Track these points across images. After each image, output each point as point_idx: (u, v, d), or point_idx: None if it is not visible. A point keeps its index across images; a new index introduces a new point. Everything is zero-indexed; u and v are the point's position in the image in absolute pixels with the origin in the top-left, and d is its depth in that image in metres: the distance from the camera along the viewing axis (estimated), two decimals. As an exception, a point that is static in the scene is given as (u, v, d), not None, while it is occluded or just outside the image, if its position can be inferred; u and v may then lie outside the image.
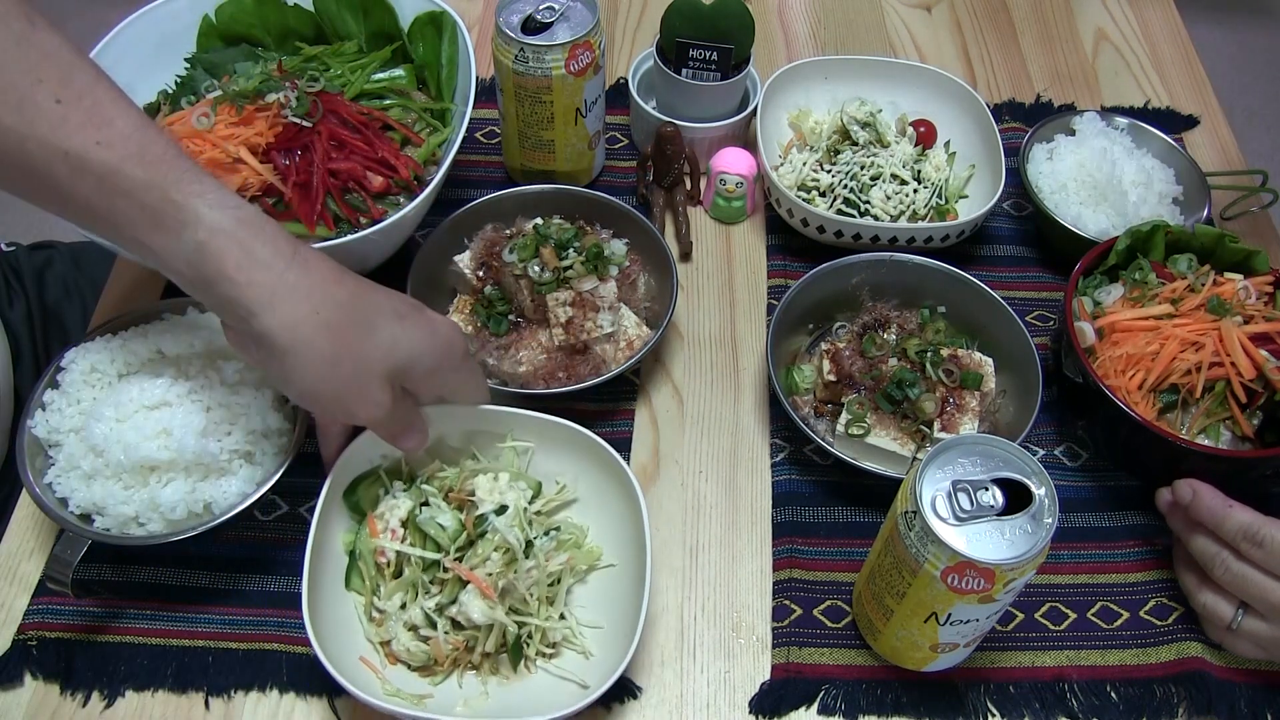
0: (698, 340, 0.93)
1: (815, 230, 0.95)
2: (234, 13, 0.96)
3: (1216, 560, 0.71)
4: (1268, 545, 0.68)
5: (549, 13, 0.91)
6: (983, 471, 0.62)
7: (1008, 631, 0.76)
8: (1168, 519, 0.75)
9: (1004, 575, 0.60)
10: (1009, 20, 1.25)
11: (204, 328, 0.79)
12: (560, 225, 0.88)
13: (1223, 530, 0.70)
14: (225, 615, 0.75)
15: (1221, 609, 0.72)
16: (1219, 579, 0.71)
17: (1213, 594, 0.72)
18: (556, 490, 0.79)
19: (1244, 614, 0.71)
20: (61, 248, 1.12)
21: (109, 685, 0.72)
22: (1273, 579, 0.68)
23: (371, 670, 0.69)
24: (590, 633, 0.73)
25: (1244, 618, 0.71)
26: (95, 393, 0.76)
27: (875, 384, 0.82)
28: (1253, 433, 0.78)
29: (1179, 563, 0.76)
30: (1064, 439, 0.87)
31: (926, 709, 0.72)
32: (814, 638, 0.75)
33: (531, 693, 0.70)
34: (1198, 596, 0.73)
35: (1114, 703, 0.73)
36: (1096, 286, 0.86)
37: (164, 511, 0.71)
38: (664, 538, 0.81)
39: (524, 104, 0.93)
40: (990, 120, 1.00)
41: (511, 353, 0.84)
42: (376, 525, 0.74)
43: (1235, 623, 0.71)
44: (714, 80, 1.01)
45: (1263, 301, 0.83)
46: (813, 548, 0.80)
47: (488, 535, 0.72)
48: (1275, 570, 0.68)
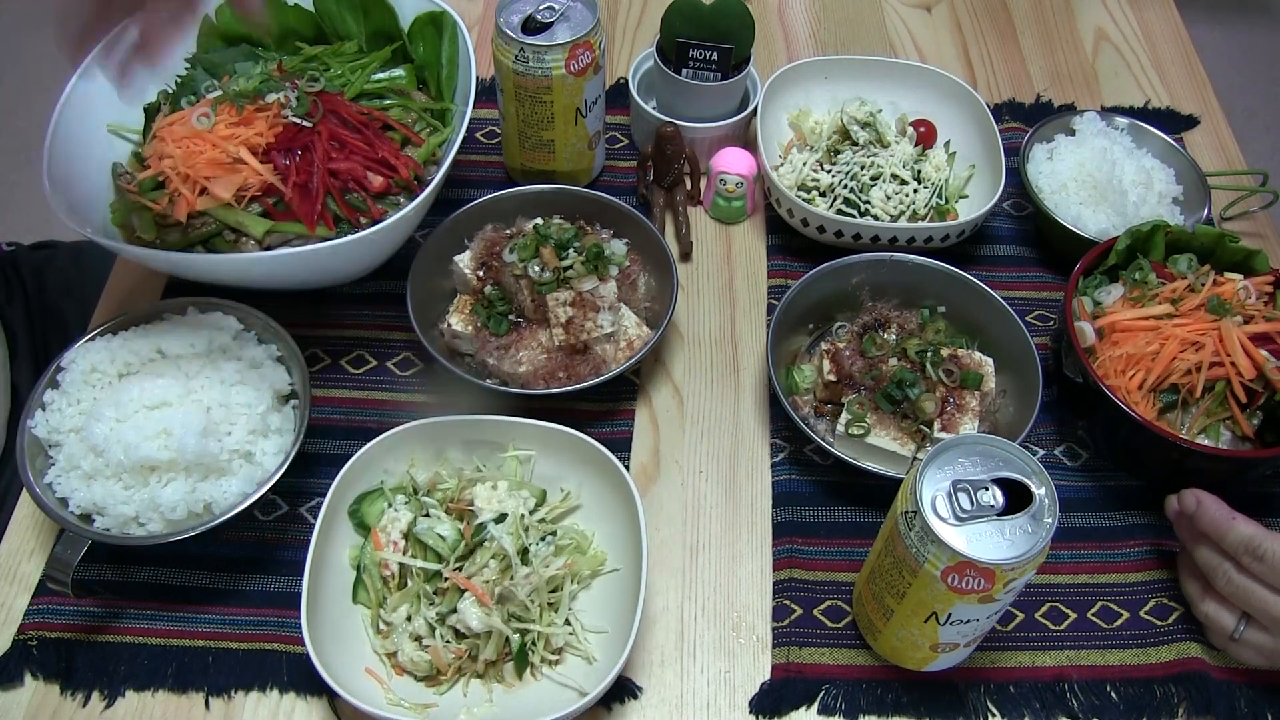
0: (698, 340, 0.93)
1: (815, 230, 0.95)
2: (234, 13, 0.96)
3: (1219, 571, 0.71)
4: (1269, 559, 0.68)
5: (549, 13, 0.91)
6: (983, 471, 0.62)
7: (1008, 631, 0.76)
8: (1175, 527, 0.75)
9: (1004, 575, 0.60)
10: (1009, 20, 1.25)
11: (204, 328, 0.79)
12: (560, 225, 0.88)
13: (1225, 542, 0.70)
14: (225, 615, 0.75)
15: (1224, 619, 0.72)
16: (1221, 590, 0.71)
17: (1215, 604, 0.72)
18: (561, 498, 0.79)
19: (1246, 625, 0.71)
20: (62, 247, 1.12)
21: (109, 685, 0.72)
22: (1274, 592, 0.68)
23: (376, 681, 0.70)
24: (594, 638, 0.73)
25: (1246, 629, 0.71)
26: (95, 393, 0.76)
27: (875, 384, 0.82)
28: (1253, 433, 0.78)
29: (1183, 571, 0.76)
30: (1064, 439, 0.87)
31: (926, 709, 0.72)
32: (814, 638, 0.75)
33: (535, 699, 0.70)
34: (1200, 606, 0.73)
35: (1114, 703, 0.73)
36: (1096, 286, 0.86)
37: (164, 511, 0.71)
38: (664, 538, 0.81)
39: (524, 104, 0.93)
40: (990, 120, 1.00)
41: (512, 353, 0.84)
42: (380, 539, 0.74)
43: (1237, 633, 0.71)
44: (714, 80, 1.01)
45: (1263, 301, 0.83)
46: (813, 548, 0.80)
47: (486, 544, 0.72)
48: (1276, 584, 0.68)
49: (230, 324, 0.81)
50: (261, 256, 0.80)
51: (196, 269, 0.81)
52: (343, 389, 0.88)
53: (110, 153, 0.88)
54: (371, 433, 0.77)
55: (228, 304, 0.82)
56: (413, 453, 0.78)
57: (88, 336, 0.79)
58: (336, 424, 0.86)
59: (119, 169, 0.88)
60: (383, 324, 0.92)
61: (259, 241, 0.82)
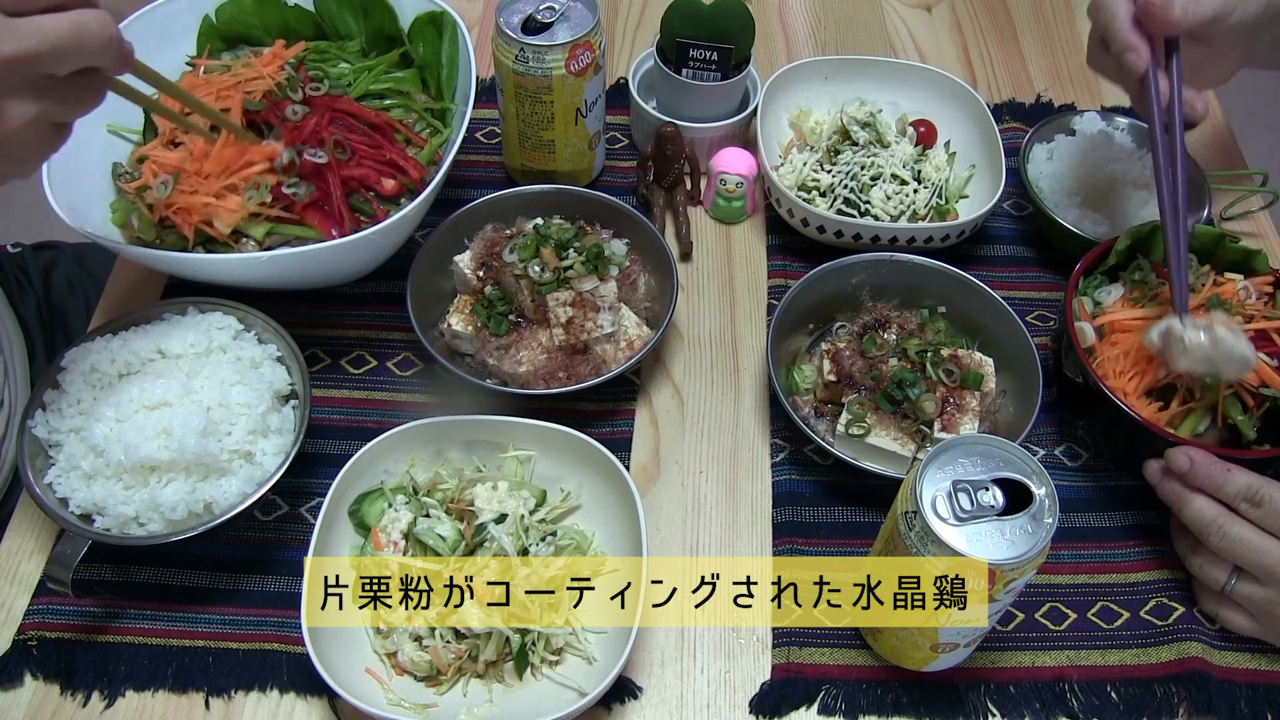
0: (698, 340, 0.93)
1: (815, 230, 0.95)
2: (234, 13, 0.96)
3: (1212, 528, 0.71)
4: (1267, 504, 0.69)
5: (549, 13, 0.91)
6: (983, 471, 0.62)
7: (1008, 631, 0.76)
8: (1158, 490, 0.76)
9: (1004, 575, 0.60)
10: (1009, 20, 1.25)
11: (204, 328, 0.79)
12: (560, 225, 0.88)
13: (1223, 493, 0.71)
14: (225, 615, 0.75)
15: (1215, 574, 0.73)
16: (1215, 547, 0.72)
17: (1207, 559, 0.74)
18: (561, 498, 0.79)
19: (1237, 579, 0.72)
20: (65, 248, 1.13)
21: (109, 685, 0.72)
22: (1270, 538, 0.70)
23: (376, 681, 0.70)
24: (594, 638, 0.73)
25: (1237, 582, 0.72)
26: (95, 393, 0.76)
27: (875, 384, 0.82)
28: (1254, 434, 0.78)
29: (1175, 529, 0.78)
30: (1064, 439, 0.87)
31: (926, 709, 0.72)
32: (814, 638, 0.75)
33: (535, 699, 0.70)
34: (1194, 558, 0.75)
35: (1114, 703, 0.73)
36: (1096, 286, 0.86)
37: (164, 511, 0.71)
38: (664, 538, 0.81)
39: (524, 104, 0.93)
40: (990, 120, 1.00)
41: (512, 353, 0.84)
42: (380, 539, 0.74)
43: (1228, 587, 0.72)
44: (714, 80, 1.01)
45: (1263, 301, 0.83)
46: (813, 548, 0.80)
47: (486, 544, 0.72)
48: (1272, 529, 0.70)
49: (230, 324, 0.81)
50: (261, 256, 0.80)
51: (196, 269, 0.81)
52: (343, 389, 0.88)
53: (110, 153, 0.88)
54: (371, 433, 0.77)
55: (228, 304, 0.82)
56: (413, 453, 0.78)
57: (87, 336, 0.79)
58: (336, 424, 0.86)
59: (119, 169, 0.88)
60: (383, 324, 0.92)
61: (259, 242, 0.82)
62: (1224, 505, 0.71)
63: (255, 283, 0.85)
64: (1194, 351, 0.74)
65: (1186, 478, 0.73)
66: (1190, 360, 0.75)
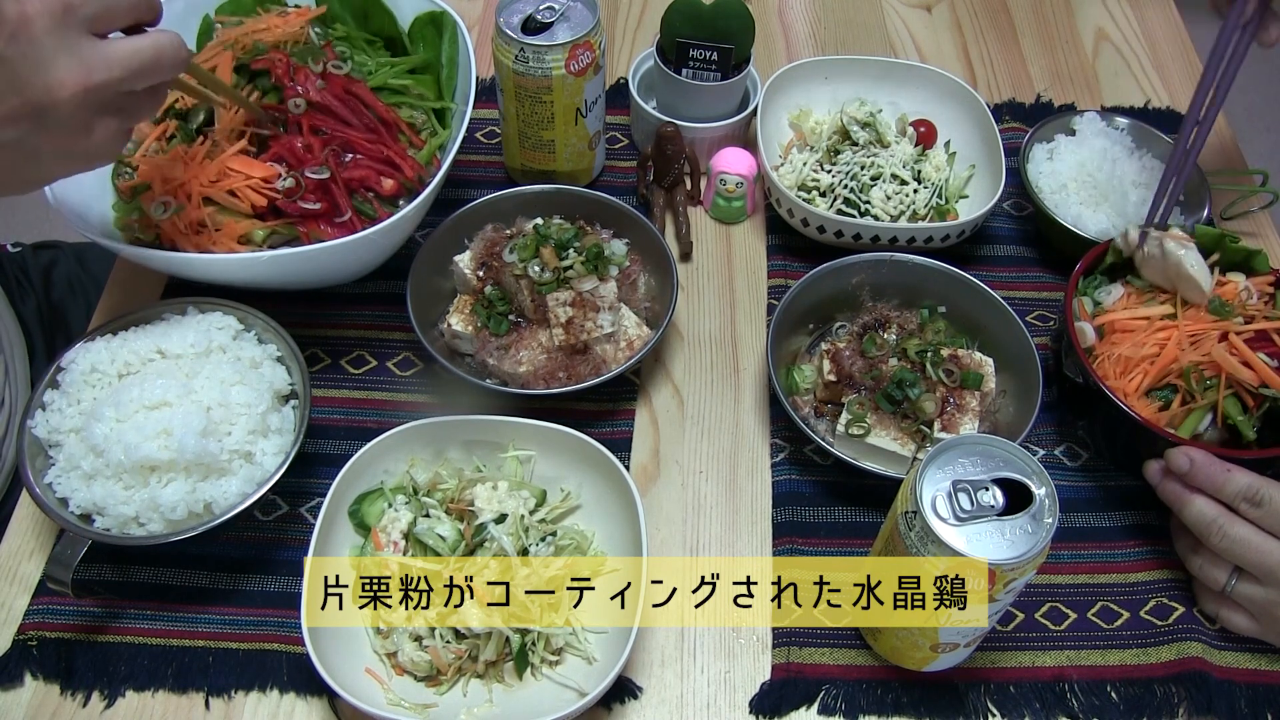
0: (698, 340, 0.93)
1: (815, 230, 0.95)
2: (234, 13, 0.96)
3: (1213, 528, 0.71)
4: (1267, 504, 0.69)
5: (549, 13, 0.91)
6: (983, 471, 0.62)
7: (1008, 631, 0.76)
8: (1158, 490, 0.76)
9: (1004, 575, 0.60)
10: (1009, 20, 1.25)
11: (204, 328, 0.79)
12: (560, 225, 0.88)
13: (1224, 492, 0.71)
14: (225, 615, 0.75)
15: (1216, 574, 0.73)
16: (1215, 548, 0.72)
17: (1207, 559, 0.74)
18: (561, 498, 0.79)
19: (1237, 579, 0.72)
20: (66, 248, 1.13)
21: (109, 685, 0.72)
22: (1270, 538, 0.70)
23: (376, 681, 0.70)
24: (594, 638, 0.73)
25: (1237, 582, 0.72)
26: (95, 393, 0.76)
27: (875, 384, 0.82)
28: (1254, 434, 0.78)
29: (1175, 529, 0.78)
30: (1064, 439, 0.87)
31: (926, 709, 0.72)
32: (814, 638, 0.75)
33: (535, 699, 0.70)
34: (1194, 558, 0.75)
35: (1114, 703, 0.73)
36: (1096, 286, 0.86)
37: (164, 511, 0.71)
38: (664, 538, 0.81)
39: (524, 104, 0.93)
40: (990, 120, 1.00)
41: (512, 353, 0.84)
42: (380, 539, 0.74)
43: (1229, 587, 0.72)
44: (714, 80, 1.01)
45: (1263, 301, 0.83)
46: (813, 548, 0.80)
47: (486, 544, 0.72)
48: (1272, 529, 0.70)
49: (230, 324, 0.81)
50: (261, 256, 0.80)
51: (196, 269, 0.81)
52: (343, 389, 0.88)
53: (110, 153, 0.88)
54: (371, 433, 0.77)
55: (228, 304, 0.82)
56: (413, 453, 0.78)
57: (88, 336, 0.79)
58: (336, 424, 0.86)
59: (119, 169, 0.88)
60: (383, 324, 0.92)
61: (259, 242, 0.82)
62: (1224, 505, 0.71)
63: (255, 283, 0.85)
64: (1150, 262, 0.81)
65: (1186, 478, 0.73)
66: (1151, 271, 0.83)
